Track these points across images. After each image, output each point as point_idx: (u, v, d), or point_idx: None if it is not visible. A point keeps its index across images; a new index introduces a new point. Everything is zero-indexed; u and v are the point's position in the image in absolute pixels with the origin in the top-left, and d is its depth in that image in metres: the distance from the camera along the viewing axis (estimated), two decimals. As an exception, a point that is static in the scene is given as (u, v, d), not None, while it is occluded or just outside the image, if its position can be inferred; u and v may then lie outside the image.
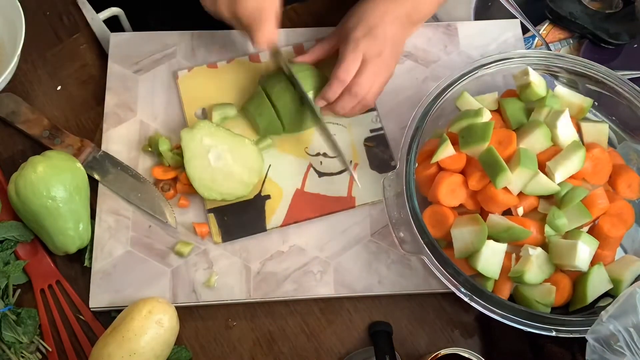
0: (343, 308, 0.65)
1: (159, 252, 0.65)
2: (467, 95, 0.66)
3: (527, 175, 0.59)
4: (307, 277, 0.64)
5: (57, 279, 0.65)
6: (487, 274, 0.59)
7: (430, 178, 0.63)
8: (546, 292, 0.59)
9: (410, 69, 0.74)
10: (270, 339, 0.64)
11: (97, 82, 0.74)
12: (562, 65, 0.67)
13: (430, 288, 0.65)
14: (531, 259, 0.58)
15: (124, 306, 0.61)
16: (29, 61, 0.74)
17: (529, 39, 0.79)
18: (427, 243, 0.59)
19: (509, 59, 0.66)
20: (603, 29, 0.77)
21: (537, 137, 0.61)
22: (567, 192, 0.60)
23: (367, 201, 0.67)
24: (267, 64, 0.73)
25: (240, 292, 0.64)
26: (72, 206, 0.63)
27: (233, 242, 0.66)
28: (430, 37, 0.76)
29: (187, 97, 0.72)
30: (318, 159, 0.69)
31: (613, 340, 0.50)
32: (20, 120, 0.70)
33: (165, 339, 0.59)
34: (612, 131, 0.68)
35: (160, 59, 0.73)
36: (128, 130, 0.70)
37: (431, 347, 0.62)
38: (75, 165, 0.65)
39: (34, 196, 0.61)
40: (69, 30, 0.77)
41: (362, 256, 0.65)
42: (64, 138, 0.69)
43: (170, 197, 0.67)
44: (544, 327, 0.56)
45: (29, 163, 0.63)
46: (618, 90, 0.66)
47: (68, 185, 0.63)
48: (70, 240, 0.64)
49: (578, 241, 0.58)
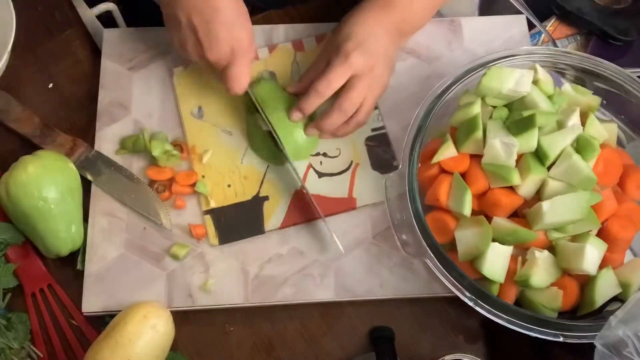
0: (344, 312, 0.64)
1: (154, 254, 0.64)
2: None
3: (538, 180, 0.58)
4: (306, 281, 0.63)
5: (48, 282, 0.64)
6: (492, 278, 0.58)
7: (433, 179, 0.62)
8: (553, 297, 0.58)
9: (413, 66, 0.73)
10: (268, 344, 0.63)
11: (90, 79, 0.72)
12: (569, 63, 0.66)
13: (433, 292, 0.63)
14: (537, 262, 0.57)
15: (118, 310, 0.60)
16: (19, 58, 0.73)
17: (535, 35, 0.78)
18: (430, 246, 0.58)
19: (514, 56, 0.65)
20: (611, 25, 0.77)
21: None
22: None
23: (369, 202, 0.66)
24: (265, 61, 0.72)
25: (238, 296, 0.63)
26: (65, 207, 0.62)
27: (230, 245, 0.64)
28: (433, 33, 0.74)
29: (183, 95, 0.70)
30: (318, 159, 0.68)
31: (622, 346, 0.50)
32: (11, 119, 0.69)
33: (161, 345, 0.58)
34: (620, 130, 0.67)
35: (155, 56, 0.72)
36: (122, 129, 0.69)
37: (434, 353, 0.61)
38: (68, 166, 0.64)
39: (25, 197, 0.60)
40: (61, 25, 0.76)
41: (363, 259, 0.64)
42: (55, 137, 0.68)
43: (166, 198, 0.66)
44: (551, 332, 0.55)
45: (20, 163, 0.62)
46: (627, 88, 0.65)
47: (60, 186, 0.62)
48: (62, 243, 0.62)
49: (586, 244, 0.57)
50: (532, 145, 0.59)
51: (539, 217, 0.57)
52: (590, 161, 0.59)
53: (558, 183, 0.58)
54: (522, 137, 0.58)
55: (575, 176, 0.58)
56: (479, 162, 0.61)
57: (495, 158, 0.59)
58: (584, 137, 0.59)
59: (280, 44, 0.73)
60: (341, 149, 0.68)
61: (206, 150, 0.68)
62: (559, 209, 0.56)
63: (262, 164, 0.68)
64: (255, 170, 0.67)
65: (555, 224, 0.57)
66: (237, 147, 0.68)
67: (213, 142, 0.68)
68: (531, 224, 0.58)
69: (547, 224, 0.57)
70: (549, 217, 0.56)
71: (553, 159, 0.58)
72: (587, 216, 0.57)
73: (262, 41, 0.73)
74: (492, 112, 0.63)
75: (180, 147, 0.68)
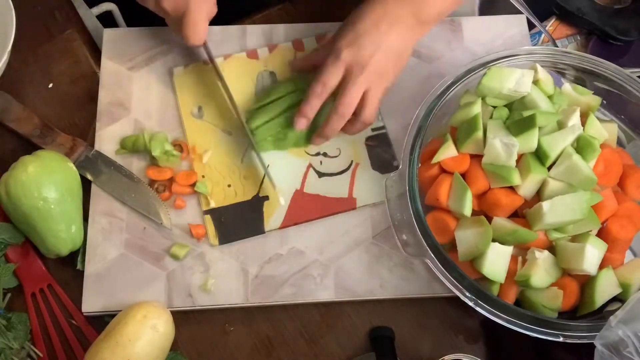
0: (344, 312, 0.64)
1: (154, 254, 0.64)
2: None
3: (538, 180, 0.58)
4: (306, 281, 0.63)
5: (48, 282, 0.64)
6: (492, 278, 0.58)
7: (434, 179, 0.62)
8: (553, 297, 0.58)
9: (413, 66, 0.72)
10: (268, 344, 0.63)
11: (90, 79, 0.72)
12: (570, 62, 0.66)
13: (433, 292, 0.63)
14: (538, 263, 0.57)
15: (118, 310, 0.60)
16: (19, 58, 0.73)
17: (535, 35, 0.78)
18: (430, 246, 0.58)
19: (514, 56, 0.65)
20: (611, 25, 0.77)
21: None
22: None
23: (369, 202, 0.66)
24: (265, 60, 0.72)
25: (238, 296, 0.62)
26: (64, 207, 0.62)
27: (230, 245, 0.64)
28: (433, 33, 0.74)
29: (183, 94, 0.70)
30: (318, 158, 0.68)
31: (622, 346, 0.50)
32: (11, 119, 0.68)
33: (160, 345, 0.58)
34: (620, 130, 0.67)
35: (155, 56, 0.72)
36: (122, 129, 0.69)
37: (434, 353, 0.61)
38: (67, 165, 0.64)
39: (25, 197, 0.60)
40: (61, 25, 0.75)
41: (363, 259, 0.64)
42: (55, 137, 0.68)
43: (166, 198, 0.66)
44: (551, 332, 0.55)
45: (20, 163, 0.62)
46: (627, 88, 0.65)
47: (60, 186, 0.62)
48: (62, 243, 0.62)
49: (586, 244, 0.57)
50: (532, 146, 0.59)
51: (539, 217, 0.57)
52: (591, 161, 0.59)
53: (558, 183, 0.58)
54: (523, 137, 0.58)
55: (575, 176, 0.58)
56: (479, 162, 0.61)
57: (495, 158, 0.59)
58: (584, 137, 0.59)
59: (280, 44, 0.73)
60: (341, 149, 0.68)
61: (206, 150, 0.68)
62: (559, 209, 0.56)
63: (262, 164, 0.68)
64: (255, 170, 0.67)
65: (555, 224, 0.57)
66: (237, 147, 0.68)
67: (213, 142, 0.68)
68: (531, 224, 0.58)
69: (548, 224, 0.57)
70: (549, 218, 0.56)
71: (553, 159, 0.58)
72: (588, 216, 0.57)
73: (262, 41, 0.73)
74: (492, 112, 0.63)
75: (180, 147, 0.68)
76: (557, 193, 0.58)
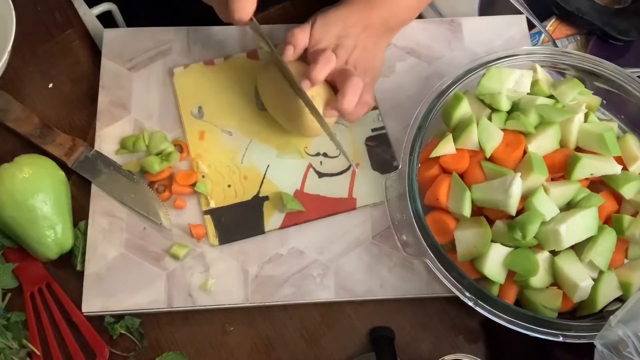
0: (344, 313, 0.64)
1: (154, 254, 0.64)
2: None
3: (538, 182, 0.58)
4: (306, 281, 0.63)
5: (47, 281, 0.64)
6: (493, 278, 0.58)
7: (433, 179, 0.62)
8: (553, 297, 0.58)
9: (413, 66, 0.72)
10: (268, 344, 0.63)
11: (89, 79, 0.72)
12: (570, 63, 0.66)
13: (433, 292, 0.63)
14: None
15: (118, 310, 0.60)
16: (19, 57, 0.73)
17: (535, 35, 0.78)
18: (430, 246, 0.58)
19: (514, 56, 0.65)
20: (611, 25, 0.76)
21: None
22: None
23: (369, 202, 0.66)
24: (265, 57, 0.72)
25: (238, 297, 0.62)
26: (44, 212, 0.61)
27: (230, 245, 0.64)
28: (433, 33, 0.74)
29: (183, 95, 0.70)
30: (318, 159, 0.68)
31: (622, 346, 0.50)
32: (10, 119, 0.68)
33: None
34: (620, 130, 0.67)
35: (155, 56, 0.72)
36: (122, 129, 0.69)
37: (435, 353, 0.61)
38: (48, 168, 0.63)
39: (2, 208, 0.60)
40: (61, 25, 0.75)
41: (363, 259, 0.64)
42: (55, 137, 0.67)
43: (165, 198, 0.66)
44: (551, 332, 0.55)
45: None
46: (627, 88, 0.65)
47: (37, 192, 0.61)
48: (46, 248, 0.62)
49: (587, 244, 0.57)
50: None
51: (556, 241, 0.56)
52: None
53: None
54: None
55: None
56: (479, 162, 0.61)
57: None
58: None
59: (280, 44, 0.73)
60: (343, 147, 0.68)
61: (206, 151, 0.68)
62: (576, 231, 0.56)
63: (262, 164, 0.68)
64: (255, 170, 0.67)
65: (571, 243, 0.57)
66: (237, 147, 0.68)
67: (213, 142, 0.68)
68: (544, 245, 0.57)
69: (565, 246, 0.56)
70: (567, 240, 0.56)
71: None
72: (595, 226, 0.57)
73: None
74: (492, 113, 0.63)
75: (180, 147, 0.68)
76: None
